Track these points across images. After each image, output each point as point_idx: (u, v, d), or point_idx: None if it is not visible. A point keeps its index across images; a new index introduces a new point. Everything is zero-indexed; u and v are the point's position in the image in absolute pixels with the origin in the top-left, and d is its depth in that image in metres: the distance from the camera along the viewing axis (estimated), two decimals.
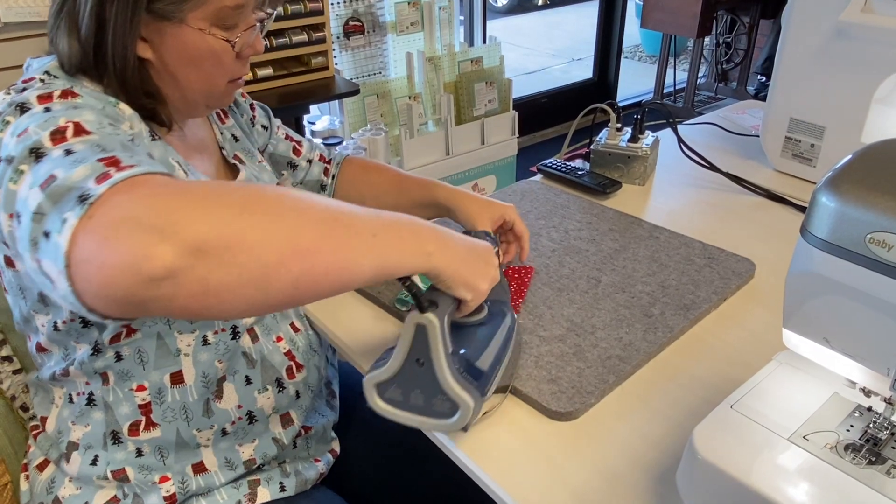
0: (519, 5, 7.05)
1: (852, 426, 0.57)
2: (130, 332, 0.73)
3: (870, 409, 0.58)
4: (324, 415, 0.93)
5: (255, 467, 0.83)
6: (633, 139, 1.27)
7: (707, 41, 4.07)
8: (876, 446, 0.55)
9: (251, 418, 0.81)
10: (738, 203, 1.21)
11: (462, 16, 3.08)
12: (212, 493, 0.81)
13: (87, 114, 0.62)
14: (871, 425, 0.56)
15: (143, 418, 0.76)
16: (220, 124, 0.91)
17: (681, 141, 1.32)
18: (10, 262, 0.69)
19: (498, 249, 0.81)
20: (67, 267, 0.48)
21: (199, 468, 0.80)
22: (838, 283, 0.51)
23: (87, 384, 0.77)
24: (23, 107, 0.62)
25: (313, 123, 2.33)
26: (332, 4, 2.41)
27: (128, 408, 0.76)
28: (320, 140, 2.20)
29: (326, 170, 1.06)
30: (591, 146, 1.29)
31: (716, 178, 1.28)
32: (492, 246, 0.70)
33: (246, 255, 0.48)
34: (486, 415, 0.73)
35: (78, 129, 0.59)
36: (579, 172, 1.27)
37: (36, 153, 0.56)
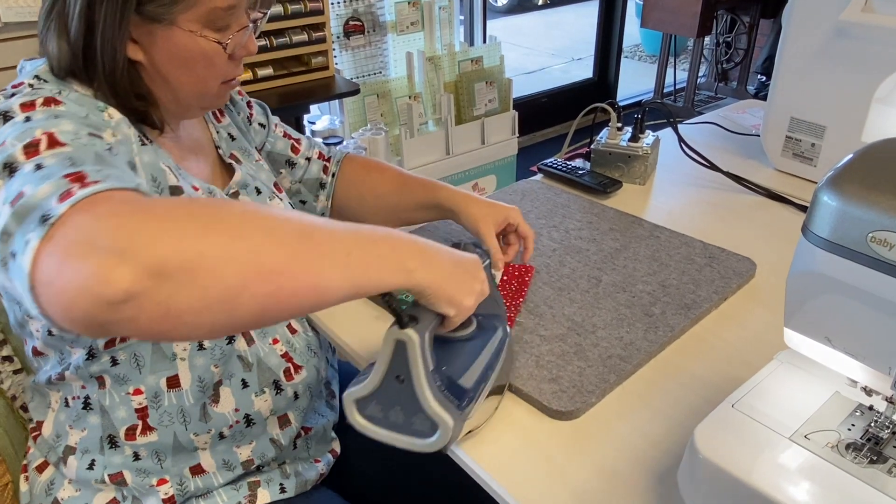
0: (519, 5, 7.05)
1: (854, 425, 0.57)
2: (125, 336, 0.72)
3: (871, 408, 0.58)
4: (323, 415, 0.93)
5: (255, 468, 0.83)
6: (633, 139, 1.27)
7: (707, 41, 4.07)
8: (877, 445, 0.55)
9: (249, 421, 0.80)
10: (738, 202, 1.21)
11: (462, 15, 3.08)
12: (211, 494, 0.80)
13: (66, 123, 0.61)
14: (872, 424, 0.56)
15: (140, 422, 0.76)
16: (216, 123, 0.90)
17: (681, 140, 1.32)
18: None
19: (488, 262, 0.79)
20: (32, 289, 0.47)
21: (197, 470, 0.80)
22: (840, 282, 0.51)
23: (83, 388, 0.76)
24: (6, 115, 0.62)
25: (313, 123, 2.33)
26: (332, 4, 2.41)
27: (124, 412, 0.76)
28: (320, 139, 2.20)
29: (326, 168, 1.05)
30: (592, 146, 1.29)
31: (716, 178, 1.28)
32: (479, 259, 0.68)
33: (208, 277, 0.47)
34: (471, 433, 0.71)
35: (52, 141, 0.58)
36: (580, 172, 1.27)
37: (10, 168, 0.56)
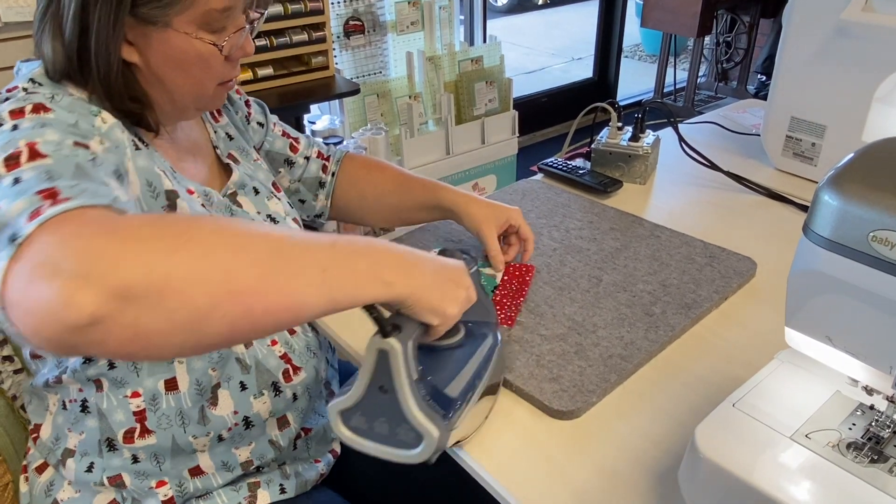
0: (519, 5, 7.05)
1: (854, 424, 0.57)
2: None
3: (872, 407, 0.58)
4: (323, 415, 0.93)
5: (254, 469, 0.83)
6: (633, 138, 1.27)
7: (707, 40, 4.07)
8: (878, 444, 0.55)
9: (248, 423, 0.80)
10: (739, 202, 1.21)
11: (462, 15, 3.08)
12: (210, 495, 0.80)
13: (51, 132, 0.60)
14: (873, 423, 0.56)
15: (138, 425, 0.76)
16: (213, 123, 0.90)
17: (682, 140, 1.32)
18: None
19: (476, 268, 0.77)
20: (3, 308, 0.47)
21: (196, 471, 0.79)
22: (841, 282, 0.51)
23: (80, 391, 0.76)
24: None
25: (314, 123, 2.33)
26: (332, 4, 2.41)
27: (122, 415, 0.75)
28: (320, 139, 2.20)
29: (325, 167, 1.04)
30: (592, 145, 1.29)
31: (717, 177, 1.28)
32: (465, 266, 0.67)
33: (175, 298, 0.46)
34: (459, 444, 0.70)
35: (33, 152, 0.57)
36: (580, 171, 1.27)
37: None
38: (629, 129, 1.29)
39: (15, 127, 0.61)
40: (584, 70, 4.64)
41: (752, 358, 0.82)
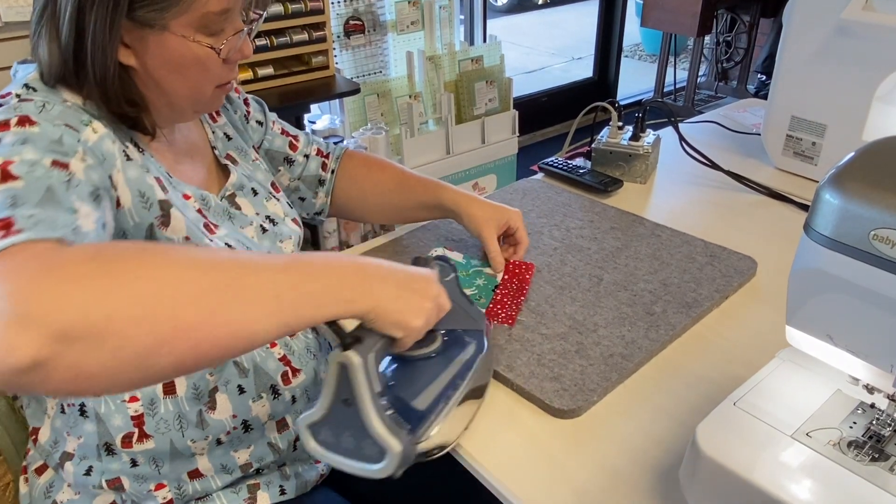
0: (519, 4, 7.05)
1: (855, 423, 0.57)
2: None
3: (873, 405, 0.58)
4: None
5: (254, 471, 0.83)
6: (634, 137, 1.27)
7: (707, 40, 4.07)
8: (879, 443, 0.55)
9: (246, 427, 0.79)
10: (739, 201, 1.21)
11: (462, 15, 3.08)
12: (210, 497, 0.80)
13: (30, 151, 0.59)
14: (874, 422, 0.56)
15: (136, 430, 0.75)
16: (211, 124, 0.89)
17: (682, 139, 1.32)
18: None
19: (454, 276, 0.75)
20: None
21: (195, 474, 0.79)
22: (842, 280, 0.51)
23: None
24: None
25: (314, 123, 2.33)
26: (332, 3, 2.41)
27: (120, 420, 0.75)
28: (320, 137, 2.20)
29: (325, 164, 1.04)
30: (593, 144, 1.29)
31: (717, 177, 1.28)
32: (435, 276, 0.65)
33: (117, 339, 0.45)
34: (445, 449, 0.68)
35: (5, 174, 0.56)
36: (581, 171, 1.27)
37: None
38: (629, 128, 1.29)
39: None
40: (584, 70, 4.64)
41: (752, 357, 0.82)
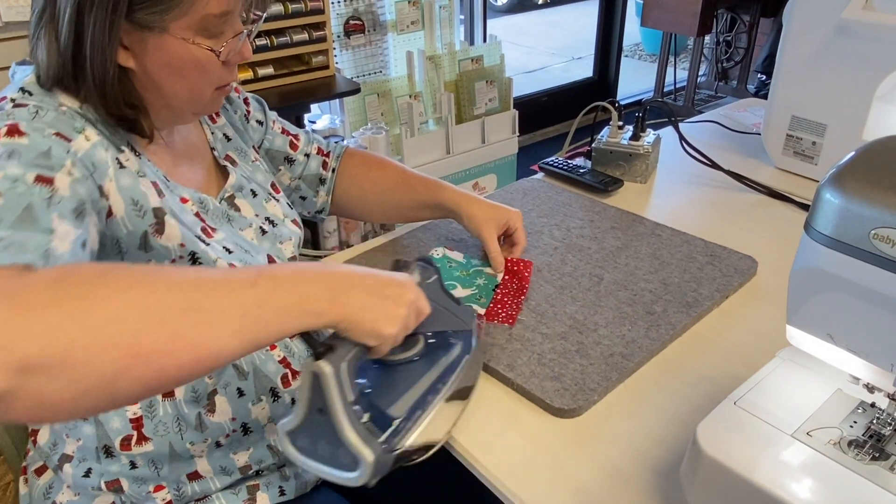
0: (519, 4, 7.04)
1: (856, 422, 0.57)
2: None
3: (873, 405, 0.58)
4: None
5: (253, 472, 0.83)
6: (634, 137, 1.27)
7: (707, 40, 4.07)
8: (879, 442, 0.55)
9: (246, 429, 0.79)
10: (739, 201, 1.21)
11: (462, 15, 3.07)
12: (209, 498, 0.80)
13: (14, 166, 0.59)
14: (874, 421, 0.56)
15: (135, 433, 0.75)
16: (211, 124, 0.89)
17: (682, 139, 1.32)
18: None
19: (435, 277, 0.74)
20: None
21: (194, 476, 0.79)
22: (842, 279, 0.51)
23: None
24: None
25: (314, 122, 2.34)
26: (332, 3, 2.41)
27: (119, 422, 0.75)
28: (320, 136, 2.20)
29: (325, 163, 1.03)
30: (593, 144, 1.29)
31: (717, 176, 1.28)
32: (413, 280, 0.64)
33: (79, 368, 0.45)
34: (432, 449, 0.66)
35: None
36: (581, 170, 1.27)
37: None
38: (630, 128, 1.29)
39: None
40: (584, 69, 4.64)
41: (753, 356, 0.82)
